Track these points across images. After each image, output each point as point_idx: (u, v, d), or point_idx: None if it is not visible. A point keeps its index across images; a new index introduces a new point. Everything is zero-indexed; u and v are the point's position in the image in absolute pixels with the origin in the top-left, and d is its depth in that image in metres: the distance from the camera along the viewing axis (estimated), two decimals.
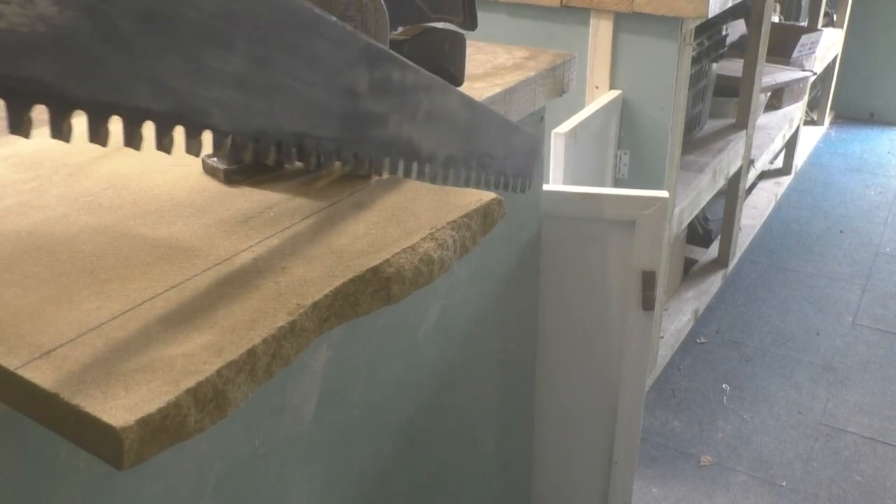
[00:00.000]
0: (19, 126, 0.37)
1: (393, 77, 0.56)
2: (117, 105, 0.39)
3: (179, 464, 0.64)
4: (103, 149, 0.65)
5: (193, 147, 0.44)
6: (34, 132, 0.41)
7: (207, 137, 0.44)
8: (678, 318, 2.30)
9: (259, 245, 0.51)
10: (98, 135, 0.39)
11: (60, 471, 0.54)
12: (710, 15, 1.58)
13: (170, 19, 0.40)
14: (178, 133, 0.43)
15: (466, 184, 0.67)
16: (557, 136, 1.49)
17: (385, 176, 0.61)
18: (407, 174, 0.59)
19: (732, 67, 2.42)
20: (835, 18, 3.61)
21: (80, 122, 0.39)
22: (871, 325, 2.38)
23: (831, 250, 2.80)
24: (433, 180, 0.63)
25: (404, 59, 0.57)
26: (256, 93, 0.46)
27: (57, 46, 0.36)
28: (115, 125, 0.40)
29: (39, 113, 0.38)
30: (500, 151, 0.73)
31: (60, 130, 0.37)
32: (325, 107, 0.51)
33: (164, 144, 0.43)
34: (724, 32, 2.21)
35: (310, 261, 0.49)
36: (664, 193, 1.22)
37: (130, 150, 0.65)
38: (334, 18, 0.50)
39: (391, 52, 0.56)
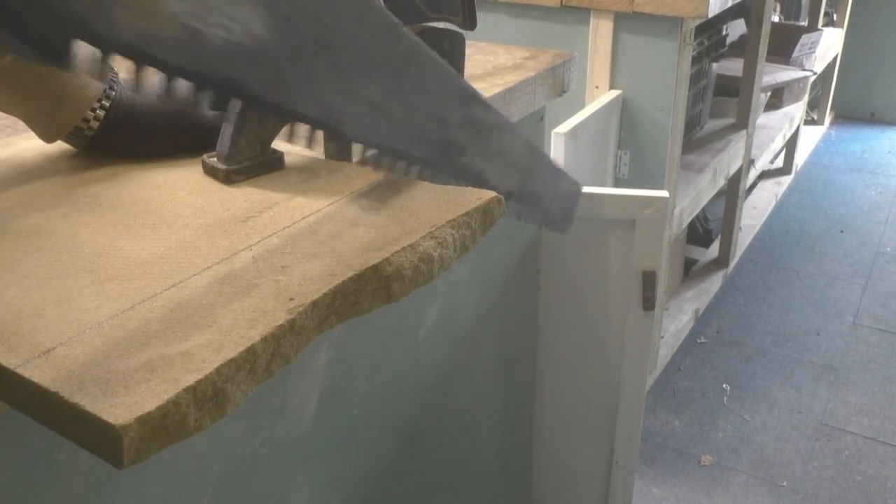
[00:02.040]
0: (221, 107, 0.48)
1: (477, 115, 0.65)
2: (285, 108, 0.50)
3: (180, 464, 0.64)
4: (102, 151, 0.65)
5: (330, 150, 0.56)
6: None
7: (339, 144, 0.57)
8: (678, 317, 2.30)
9: (259, 244, 0.51)
10: (263, 126, 0.53)
11: (61, 471, 0.54)
12: (710, 15, 1.58)
13: (338, 48, 0.51)
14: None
15: (518, 218, 0.76)
16: (557, 136, 1.49)
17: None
18: None
19: (732, 67, 2.42)
20: (835, 18, 3.61)
21: None
22: (871, 324, 2.38)
23: (832, 250, 2.80)
24: None
25: (487, 101, 0.66)
26: (381, 114, 0.56)
27: (258, 57, 0.47)
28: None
29: None
30: (548, 193, 0.82)
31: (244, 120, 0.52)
32: (425, 132, 0.60)
33: (310, 143, 0.54)
34: (724, 32, 2.21)
35: (309, 259, 0.49)
36: (664, 193, 1.22)
37: None
38: (445, 62, 0.60)
39: (479, 93, 0.65)
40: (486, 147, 0.66)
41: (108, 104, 0.61)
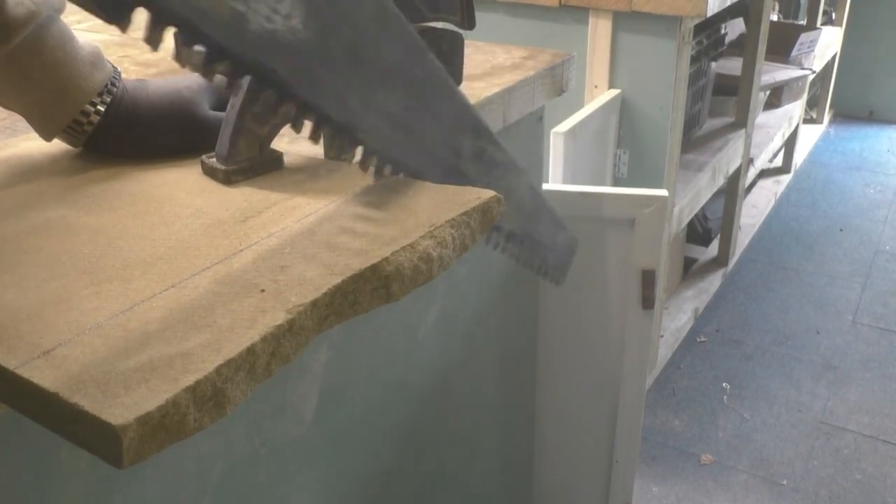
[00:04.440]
0: (255, 100, 0.53)
1: (487, 150, 0.67)
2: (309, 104, 0.52)
3: (180, 464, 0.64)
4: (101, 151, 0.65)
5: (349, 158, 0.57)
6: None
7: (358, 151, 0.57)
8: (678, 316, 2.30)
9: (258, 244, 0.51)
10: (295, 125, 0.53)
11: (61, 471, 0.54)
12: (709, 13, 1.58)
13: (365, 58, 0.54)
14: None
15: (517, 260, 0.77)
16: (557, 136, 1.49)
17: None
18: None
19: (731, 66, 2.42)
20: (833, 17, 3.61)
21: None
22: (871, 323, 2.38)
23: (831, 249, 2.80)
24: (494, 248, 0.74)
25: (497, 138, 0.68)
26: (398, 130, 0.58)
27: (293, 51, 0.49)
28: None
29: None
30: (547, 241, 0.83)
31: (276, 111, 0.51)
32: (438, 157, 0.62)
33: (332, 148, 0.57)
34: (722, 31, 2.21)
35: (309, 259, 0.49)
36: (663, 192, 1.22)
37: None
38: (462, 91, 0.62)
39: (490, 129, 0.67)
40: (494, 184, 0.68)
41: (109, 99, 0.61)
